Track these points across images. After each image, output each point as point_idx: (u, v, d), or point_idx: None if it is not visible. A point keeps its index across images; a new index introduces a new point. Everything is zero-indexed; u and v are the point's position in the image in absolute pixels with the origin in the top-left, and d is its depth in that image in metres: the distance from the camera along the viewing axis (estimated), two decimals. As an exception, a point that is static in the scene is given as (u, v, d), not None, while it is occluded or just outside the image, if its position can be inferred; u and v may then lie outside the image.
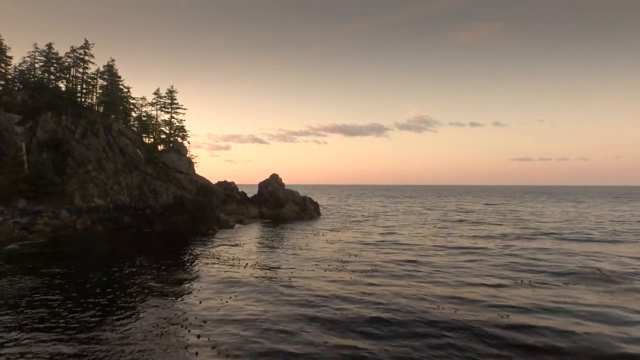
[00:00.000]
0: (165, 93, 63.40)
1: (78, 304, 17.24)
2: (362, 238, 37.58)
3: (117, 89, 61.88)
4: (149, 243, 35.73)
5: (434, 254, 28.38)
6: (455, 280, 21.06)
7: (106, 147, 55.18)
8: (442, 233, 41.51)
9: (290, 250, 30.72)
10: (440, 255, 28.00)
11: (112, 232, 42.82)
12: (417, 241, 34.89)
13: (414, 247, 31.61)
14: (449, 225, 49.40)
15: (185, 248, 32.84)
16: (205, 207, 47.16)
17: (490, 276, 22.22)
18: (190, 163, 59.14)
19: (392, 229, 46.14)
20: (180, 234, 42.10)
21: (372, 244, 33.70)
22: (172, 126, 62.87)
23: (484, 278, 21.71)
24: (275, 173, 65.33)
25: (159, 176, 56.51)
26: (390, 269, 23.47)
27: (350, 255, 28.22)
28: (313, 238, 38.39)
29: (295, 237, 39.25)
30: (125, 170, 55.43)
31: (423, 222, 54.83)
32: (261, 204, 61.80)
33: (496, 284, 20.41)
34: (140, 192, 55.35)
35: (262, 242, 35.97)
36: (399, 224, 51.66)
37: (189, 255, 29.45)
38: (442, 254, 28.84)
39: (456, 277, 21.81)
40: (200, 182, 57.27)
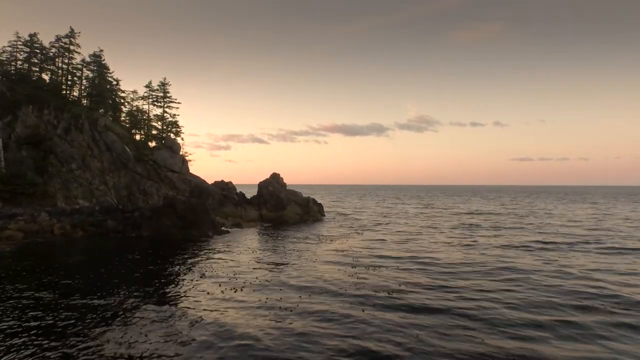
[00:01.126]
0: (157, 85, 58.76)
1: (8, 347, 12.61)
2: (377, 249, 32.66)
3: (106, 81, 57.23)
4: (130, 253, 31.09)
5: (470, 276, 23.01)
6: (517, 321, 15.79)
7: (91, 144, 50.59)
8: (465, 241, 36.52)
9: (294, 267, 25.95)
10: (478, 277, 22.74)
11: (94, 238, 38.19)
12: (442, 255, 29.52)
13: (441, 264, 26.26)
14: (468, 232, 44.28)
15: (170, 260, 28.19)
16: (199, 210, 42.51)
17: (560, 311, 16.92)
18: (184, 161, 54.52)
19: (406, 235, 41.30)
20: (169, 240, 37.45)
21: (391, 258, 28.58)
22: (165, 121, 58.22)
23: (553, 314, 16.50)
24: (276, 172, 60.68)
25: (150, 175, 51.90)
26: (424, 301, 18.33)
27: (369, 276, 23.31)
28: (320, 248, 33.69)
29: (300, 246, 34.56)
30: (113, 169, 50.84)
31: (438, 227, 50.09)
32: (261, 205, 57.15)
33: (579, 331, 14.50)
34: (129, 193, 50.74)
35: (261, 254, 31.33)
36: (413, 230, 46.92)
37: (170, 273, 24.80)
38: (479, 274, 23.48)
39: (517, 313, 16.64)
40: (195, 182, 52.66)
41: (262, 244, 35.76)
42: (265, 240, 38.33)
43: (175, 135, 57.96)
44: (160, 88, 58.82)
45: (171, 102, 59.01)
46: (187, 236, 39.42)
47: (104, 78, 56.93)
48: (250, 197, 60.18)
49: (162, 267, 25.52)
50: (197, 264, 26.36)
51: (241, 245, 34.95)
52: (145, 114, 58.73)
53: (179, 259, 28.37)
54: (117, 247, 33.84)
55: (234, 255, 29.66)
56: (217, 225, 43.64)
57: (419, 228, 48.28)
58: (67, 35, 55.87)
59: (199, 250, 31.83)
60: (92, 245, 34.70)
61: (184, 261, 27.49)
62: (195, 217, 41.72)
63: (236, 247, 33.80)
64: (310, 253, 30.50)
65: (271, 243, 36.43)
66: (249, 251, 31.74)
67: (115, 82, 58.66)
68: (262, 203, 57.26)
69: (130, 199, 50.74)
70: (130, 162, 51.17)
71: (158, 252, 31.35)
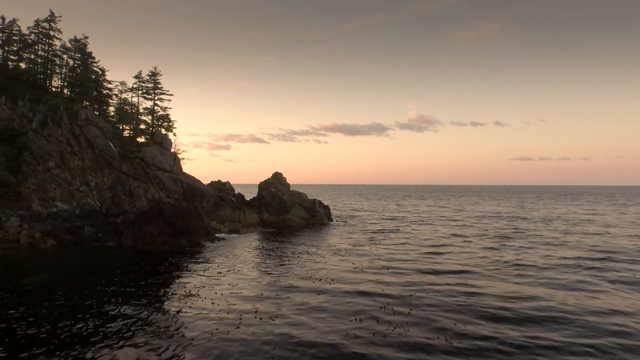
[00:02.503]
0: (146, 75, 53.07)
1: None
2: (405, 270, 26.72)
3: (90, 71, 51.57)
4: (100, 271, 25.46)
5: (555, 327, 16.02)
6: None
7: (71, 139, 44.94)
8: (506, 256, 30.22)
9: (304, 292, 20.27)
10: (557, 325, 16.29)
11: (65, 249, 32.58)
12: (488, 282, 22.34)
13: (492, 294, 19.35)
14: (502, 243, 36.95)
15: (149, 281, 22.56)
16: (190, 215, 36.87)
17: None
18: (176, 159, 48.85)
19: (432, 246, 35.19)
20: (153, 252, 31.80)
21: (426, 284, 21.93)
22: (155, 115, 52.54)
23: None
24: (278, 171, 55.00)
25: (137, 175, 46.24)
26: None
27: (408, 312, 17.52)
28: (332, 261, 27.98)
29: (308, 259, 28.86)
30: (95, 168, 45.20)
31: (463, 234, 44.09)
32: (261, 208, 51.48)
33: None
34: (114, 195, 45.12)
35: (260, 270, 25.67)
36: (435, 237, 41.07)
37: (145, 303, 19.16)
38: (571, 325, 16.47)
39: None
40: (187, 183, 47.00)
41: (261, 257, 30.06)
42: (266, 252, 32.65)
43: (166, 131, 52.33)
44: (151, 79, 53.14)
45: (162, 93, 53.31)
46: (175, 246, 33.78)
47: (88, 67, 51.28)
48: (250, 199, 54.58)
49: (130, 294, 19.85)
50: (179, 289, 20.69)
51: (237, 258, 29.27)
52: (134, 107, 53.10)
53: (158, 280, 22.70)
54: (88, 261, 28.17)
55: (227, 275, 23.97)
56: (211, 232, 37.99)
57: (442, 236, 42.41)
58: (47, 20, 50.23)
59: (186, 264, 26.17)
60: (59, 259, 29.02)
61: (164, 283, 21.84)
62: (185, 223, 36.08)
63: (231, 260, 28.13)
64: (324, 273, 24.54)
65: (273, 256, 30.74)
66: (246, 267, 26.06)
67: (101, 72, 53.00)
68: (262, 206, 51.61)
69: (114, 202, 45.13)
70: (115, 160, 45.53)
71: (135, 269, 25.68)
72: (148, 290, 20.29)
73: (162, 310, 17.04)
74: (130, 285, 21.13)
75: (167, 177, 46.65)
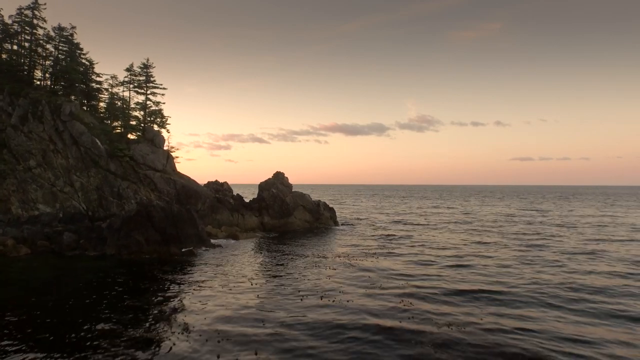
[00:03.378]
0: (138, 67, 49.30)
1: None
2: (425, 284, 22.72)
3: (77, 63, 47.78)
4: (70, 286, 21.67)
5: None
6: None
7: (54, 136, 41.19)
8: (550, 276, 24.61)
9: (312, 329, 16.21)
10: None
11: (39, 259, 28.78)
12: (540, 312, 17.62)
13: (557, 336, 14.60)
14: (534, 254, 32.20)
15: (125, 302, 18.75)
16: (182, 220, 33.08)
17: None
18: (169, 157, 45.07)
19: (454, 257, 30.78)
20: (139, 262, 27.98)
21: (458, 315, 17.11)
22: (147, 110, 48.75)
23: None
24: (280, 171, 51.21)
25: (126, 175, 42.46)
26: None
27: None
28: (345, 278, 23.97)
29: (316, 274, 24.93)
30: (81, 167, 41.45)
31: (482, 241, 39.74)
32: (262, 211, 47.67)
33: None
34: (100, 197, 41.35)
35: (258, 289, 21.85)
36: (452, 245, 37.01)
37: (108, 330, 15.38)
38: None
39: None
40: (181, 183, 43.20)
41: (261, 271, 26.21)
42: (266, 264, 28.80)
43: (159, 127, 48.54)
44: (143, 71, 49.37)
45: (155, 87, 49.55)
46: (164, 255, 29.97)
47: (75, 59, 47.48)
48: (250, 200, 50.75)
49: (96, 317, 16.02)
50: (159, 312, 16.87)
51: (233, 270, 25.43)
52: (125, 102, 49.29)
53: (134, 301, 18.86)
54: (59, 274, 24.35)
55: (218, 296, 20.15)
56: (205, 239, 34.16)
57: (461, 243, 38.42)
58: (30, 7, 46.41)
59: (173, 278, 22.37)
60: (27, 271, 25.14)
61: (142, 304, 18.01)
62: (176, 228, 32.29)
63: (226, 274, 24.30)
64: (337, 297, 20.39)
65: (274, 269, 26.89)
66: (242, 284, 22.23)
67: (89, 64, 49.18)
68: (263, 208, 47.80)
69: (102, 204, 41.36)
70: (102, 159, 41.76)
71: (111, 283, 21.84)
72: (119, 313, 16.48)
73: (132, 342, 13.22)
74: (101, 306, 17.33)
75: (159, 177, 42.85)
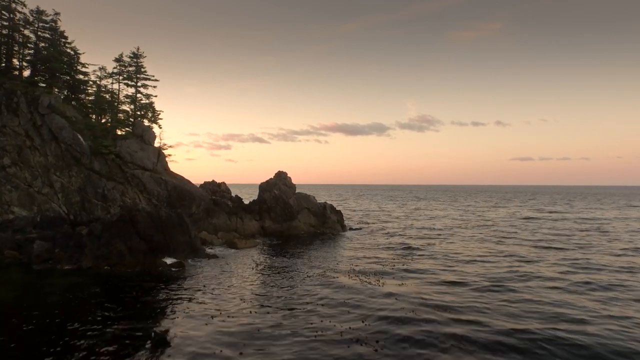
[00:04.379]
0: (127, 57, 45.09)
1: None
2: (470, 319, 18.24)
3: (60, 52, 43.55)
4: (29, 312, 17.45)
5: None
6: None
7: (31, 131, 36.99)
8: (626, 296, 21.01)
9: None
10: None
11: (1, 272, 24.52)
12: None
13: None
14: (577, 267, 27.62)
15: (93, 334, 14.53)
16: (172, 225, 28.86)
17: None
18: (160, 155, 40.83)
19: (488, 275, 25.44)
20: (120, 277, 23.76)
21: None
22: (137, 103, 44.52)
23: None
24: (282, 171, 47.01)
25: (112, 174, 38.27)
26: None
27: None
28: (370, 307, 19.44)
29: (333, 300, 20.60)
30: (61, 166, 37.27)
31: (514, 253, 34.61)
32: (263, 214, 43.46)
33: None
34: (83, 199, 37.14)
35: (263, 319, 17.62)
36: (480, 258, 32.12)
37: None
38: None
39: None
40: (173, 184, 38.97)
41: (262, 289, 21.97)
42: (268, 281, 24.56)
43: (150, 122, 44.34)
44: (133, 61, 45.15)
45: (146, 78, 45.36)
46: (150, 267, 25.74)
47: (58, 48, 43.23)
48: (249, 202, 46.48)
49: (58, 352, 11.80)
50: (138, 347, 12.65)
51: (229, 290, 21.20)
52: (114, 94, 45.06)
53: (106, 330, 14.63)
54: (20, 297, 20.10)
55: (210, 324, 15.93)
56: (199, 247, 29.91)
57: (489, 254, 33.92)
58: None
59: (158, 297, 18.16)
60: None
61: (115, 334, 13.80)
62: (165, 236, 28.06)
63: (221, 294, 20.09)
64: (371, 340, 16.21)
65: (277, 289, 22.65)
66: (239, 309, 18.00)
67: (74, 53, 44.91)
68: (264, 211, 43.58)
69: (84, 207, 37.16)
70: (84, 156, 37.56)
71: (84, 307, 17.62)
72: (79, 350, 12.27)
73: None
74: (61, 339, 13.11)
75: (149, 177, 38.61)
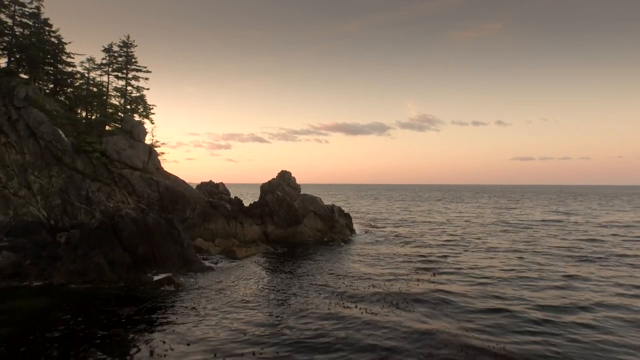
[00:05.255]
0: (117, 45, 41.17)
1: None
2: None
3: (42, 40, 39.62)
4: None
5: None
6: None
7: (6, 126, 33.13)
8: None
9: None
10: None
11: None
12: None
13: None
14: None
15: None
16: (161, 234, 24.94)
17: None
18: (152, 153, 36.92)
19: (545, 307, 19.45)
20: (96, 297, 19.85)
21: None
22: (128, 97, 40.61)
23: None
24: (286, 170, 43.07)
25: (97, 174, 34.36)
26: None
27: None
28: (405, 348, 15.62)
29: (353, 336, 16.65)
30: (40, 165, 33.38)
31: (558, 268, 29.33)
32: (265, 218, 39.54)
33: None
34: (65, 202, 33.25)
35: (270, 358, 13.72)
36: (518, 274, 27.35)
37: None
38: None
39: None
40: (165, 185, 35.03)
41: (267, 316, 18.07)
42: (273, 302, 20.67)
43: (142, 117, 40.44)
44: (122, 50, 41.24)
45: (137, 70, 41.43)
46: (134, 284, 21.83)
47: (39, 36, 39.28)
48: (250, 205, 42.45)
49: None
50: None
51: (226, 317, 17.29)
52: (102, 86, 41.08)
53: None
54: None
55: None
56: (191, 259, 25.93)
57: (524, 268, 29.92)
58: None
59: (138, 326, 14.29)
60: None
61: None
62: (152, 246, 24.15)
63: (217, 323, 16.21)
64: None
65: (284, 316, 18.74)
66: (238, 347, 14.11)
67: (58, 42, 40.94)
68: (266, 215, 39.64)
69: (66, 211, 33.25)
70: (66, 154, 33.66)
71: (46, 339, 13.73)
72: None
73: None
74: None
75: (138, 177, 34.68)
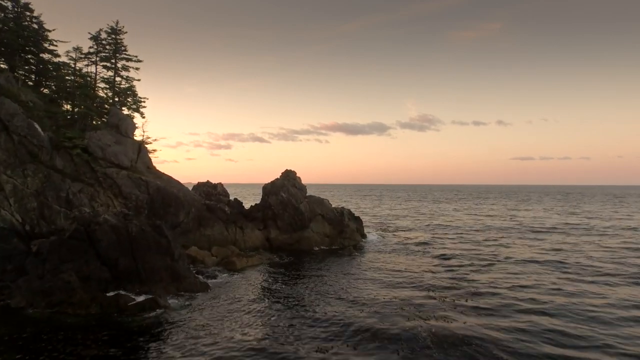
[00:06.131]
0: (105, 32, 37.33)
1: None
2: None
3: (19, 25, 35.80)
4: None
5: None
6: None
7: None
8: None
9: None
10: None
11: None
12: None
13: None
14: None
15: None
16: (146, 244, 21.06)
17: None
18: (141, 150, 33.06)
19: (599, 321, 17.38)
20: (57, 328, 15.99)
21: None
22: (116, 88, 36.76)
23: None
24: (290, 170, 39.24)
25: (78, 174, 30.51)
26: None
27: None
28: None
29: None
30: (12, 163, 29.49)
31: (607, 292, 25.86)
32: (267, 222, 35.70)
33: None
34: (42, 205, 29.34)
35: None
36: (567, 292, 22.87)
37: None
38: None
39: None
40: (156, 185, 31.16)
41: (273, 356, 14.22)
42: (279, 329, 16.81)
43: (131, 111, 36.64)
44: (111, 37, 37.39)
45: (127, 59, 37.58)
46: (110, 308, 17.95)
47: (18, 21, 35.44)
48: (251, 207, 38.56)
49: None
50: None
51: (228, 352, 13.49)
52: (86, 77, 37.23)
53: None
54: None
55: None
56: (183, 274, 21.98)
57: (571, 286, 25.73)
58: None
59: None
60: None
61: None
62: (135, 259, 20.28)
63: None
64: None
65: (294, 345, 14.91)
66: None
67: (39, 28, 37.08)
68: (269, 218, 35.80)
69: (43, 215, 29.34)
70: (43, 151, 29.81)
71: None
72: None
73: None
74: None
75: (125, 177, 30.80)
